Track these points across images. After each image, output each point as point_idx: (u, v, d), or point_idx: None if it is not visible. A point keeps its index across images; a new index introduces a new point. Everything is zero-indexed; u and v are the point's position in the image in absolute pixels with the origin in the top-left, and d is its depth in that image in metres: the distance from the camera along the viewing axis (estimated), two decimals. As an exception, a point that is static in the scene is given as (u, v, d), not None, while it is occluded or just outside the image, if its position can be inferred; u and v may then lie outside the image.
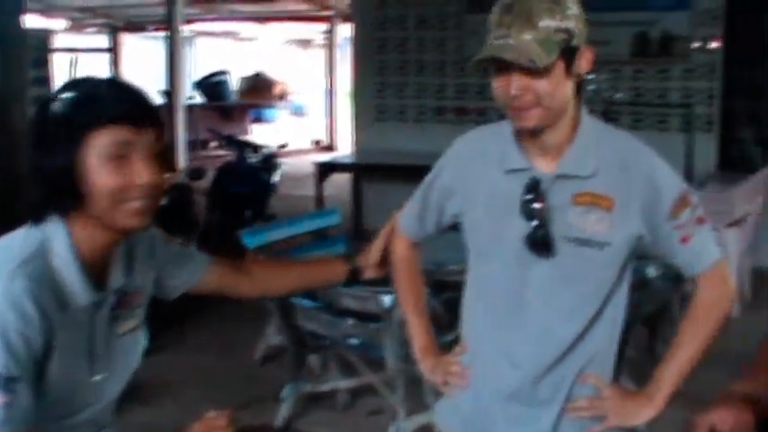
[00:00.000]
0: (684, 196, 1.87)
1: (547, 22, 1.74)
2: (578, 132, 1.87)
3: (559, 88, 1.78)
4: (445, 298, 4.70)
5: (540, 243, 1.83)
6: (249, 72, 20.96)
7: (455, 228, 2.08)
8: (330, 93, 17.96)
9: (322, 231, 4.85)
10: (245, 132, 17.19)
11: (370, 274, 2.27)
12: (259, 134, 17.30)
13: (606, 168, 1.85)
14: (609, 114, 7.55)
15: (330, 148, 17.27)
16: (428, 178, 2.11)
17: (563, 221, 1.84)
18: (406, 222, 2.19)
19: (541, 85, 1.75)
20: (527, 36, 1.73)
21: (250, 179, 7.57)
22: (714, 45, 7.48)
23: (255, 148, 8.19)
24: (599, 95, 7.85)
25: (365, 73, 8.94)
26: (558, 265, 1.86)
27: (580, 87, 1.88)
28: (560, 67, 1.77)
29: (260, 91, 20.78)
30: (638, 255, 1.95)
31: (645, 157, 1.90)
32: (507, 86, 1.78)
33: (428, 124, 8.60)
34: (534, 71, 1.73)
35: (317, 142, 17.84)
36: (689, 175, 7.08)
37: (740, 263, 5.91)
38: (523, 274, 1.88)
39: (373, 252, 2.25)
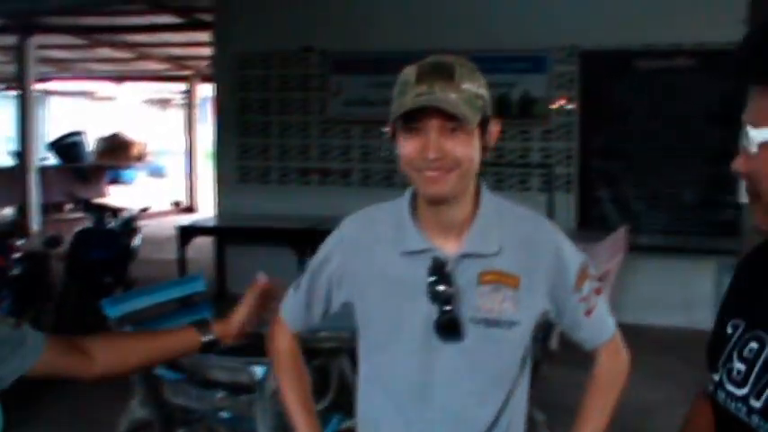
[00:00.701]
0: (585, 268, 1.87)
1: (468, 85, 1.69)
2: (480, 208, 1.82)
3: (476, 156, 1.73)
4: (317, 365, 4.64)
5: (449, 327, 1.75)
6: (106, 132, 20.55)
7: None
8: (189, 153, 17.71)
9: (187, 298, 4.71)
10: (103, 195, 16.73)
11: (228, 341, 2.10)
12: (117, 196, 16.88)
13: (510, 245, 1.81)
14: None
15: (190, 209, 17.00)
16: (313, 264, 1.95)
17: (470, 303, 1.77)
18: (290, 313, 2.03)
19: (461, 147, 1.69)
20: (452, 95, 1.66)
21: (109, 244, 7.33)
22: (570, 107, 7.76)
23: (114, 211, 7.96)
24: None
25: (227, 134, 8.86)
26: (467, 348, 1.78)
27: (482, 161, 1.83)
28: (477, 135, 1.72)
29: (117, 151, 20.39)
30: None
31: (547, 232, 1.89)
32: (423, 148, 1.69)
33: (292, 186, 8.56)
34: (453, 133, 1.68)
35: (177, 204, 17.53)
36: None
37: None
38: (428, 361, 1.79)
39: (233, 320, 2.09)
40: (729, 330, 1.33)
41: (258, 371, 3.47)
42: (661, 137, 7.51)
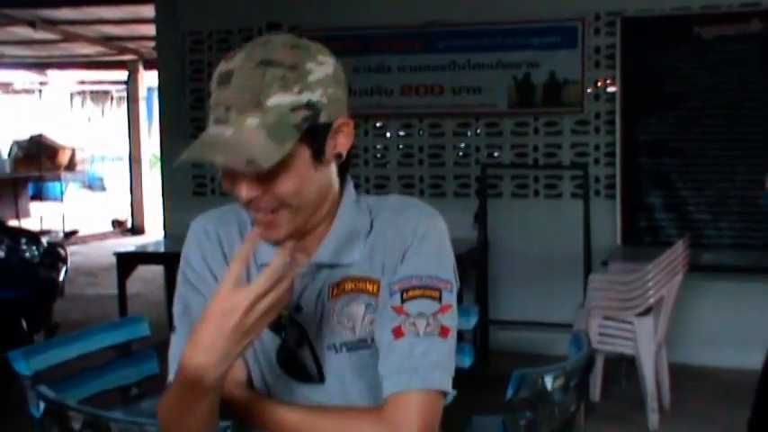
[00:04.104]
0: (433, 284, 1.80)
1: (279, 99, 1.65)
2: (338, 216, 1.85)
3: (309, 182, 1.73)
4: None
5: (293, 364, 1.81)
6: (26, 134, 20.51)
7: None
8: (133, 159, 17.69)
9: (124, 346, 4.67)
10: (22, 215, 16.71)
11: None
12: (41, 216, 16.86)
13: (376, 247, 1.84)
14: (486, 179, 7.69)
15: (136, 230, 16.98)
16: (182, 298, 1.95)
17: (326, 324, 1.82)
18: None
19: (280, 185, 1.68)
20: (251, 121, 1.64)
21: (26, 280, 7.29)
22: (611, 90, 7.73)
23: (33, 236, 7.93)
24: (473, 155, 8.00)
25: (177, 134, 8.82)
26: (329, 385, 1.82)
27: (347, 164, 1.85)
28: (304, 156, 1.70)
29: (41, 159, 20.30)
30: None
31: (415, 223, 1.86)
32: (237, 189, 1.70)
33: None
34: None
35: (119, 223, 17.52)
36: (587, 252, 7.26)
37: (657, 358, 6.04)
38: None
39: None
40: None
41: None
42: (728, 126, 7.48)
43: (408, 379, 1.72)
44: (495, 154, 8.00)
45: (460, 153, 8.11)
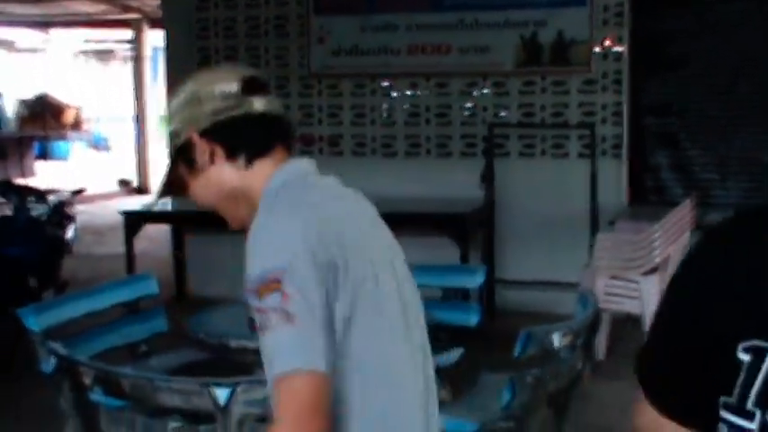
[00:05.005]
0: (276, 277, 1.90)
1: (173, 120, 2.17)
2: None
3: (207, 187, 2.15)
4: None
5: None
6: (31, 93, 20.50)
7: None
8: (139, 119, 17.67)
9: (133, 303, 4.71)
10: (27, 174, 16.73)
11: None
12: (46, 175, 16.88)
13: None
14: (493, 139, 7.69)
15: (141, 189, 17.00)
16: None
17: None
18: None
19: (194, 191, 2.18)
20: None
21: (34, 237, 7.32)
22: (619, 50, 7.71)
23: (41, 194, 7.95)
24: (480, 115, 7.99)
25: (183, 93, 8.83)
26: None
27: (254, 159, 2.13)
28: (186, 172, 2.15)
29: (46, 118, 20.34)
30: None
31: (251, 231, 2.01)
32: None
33: (267, 157, 8.54)
34: None
35: (125, 183, 17.54)
36: (593, 212, 7.27)
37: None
38: None
39: None
40: (745, 357, 1.28)
41: (221, 394, 3.46)
42: (735, 86, 7.48)
43: (271, 372, 1.87)
44: (502, 114, 7.99)
45: (467, 113, 8.11)
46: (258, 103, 2.15)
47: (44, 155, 20.53)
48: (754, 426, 1.23)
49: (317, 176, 2.18)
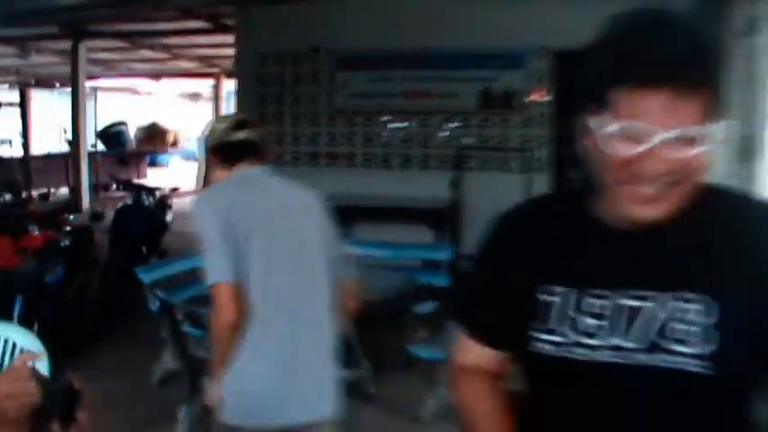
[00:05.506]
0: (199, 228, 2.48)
1: None
2: None
3: (213, 180, 2.60)
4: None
5: None
6: (145, 122, 20.46)
7: None
8: (218, 140, 17.63)
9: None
10: (142, 176, 16.76)
11: None
12: (154, 178, 16.86)
13: None
14: (460, 157, 7.69)
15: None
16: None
17: None
18: None
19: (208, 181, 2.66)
20: None
21: (146, 219, 7.34)
22: (545, 99, 7.69)
23: (150, 190, 7.97)
24: (451, 141, 7.99)
25: (248, 124, 8.80)
26: None
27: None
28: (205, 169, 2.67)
29: (155, 139, 20.37)
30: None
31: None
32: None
33: (303, 168, 8.50)
34: None
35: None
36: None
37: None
38: None
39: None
40: (545, 297, 1.27)
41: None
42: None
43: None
44: (467, 140, 7.97)
45: (442, 139, 8.09)
46: (240, 134, 2.53)
47: (153, 163, 20.49)
48: (556, 338, 1.25)
49: (261, 177, 2.54)
